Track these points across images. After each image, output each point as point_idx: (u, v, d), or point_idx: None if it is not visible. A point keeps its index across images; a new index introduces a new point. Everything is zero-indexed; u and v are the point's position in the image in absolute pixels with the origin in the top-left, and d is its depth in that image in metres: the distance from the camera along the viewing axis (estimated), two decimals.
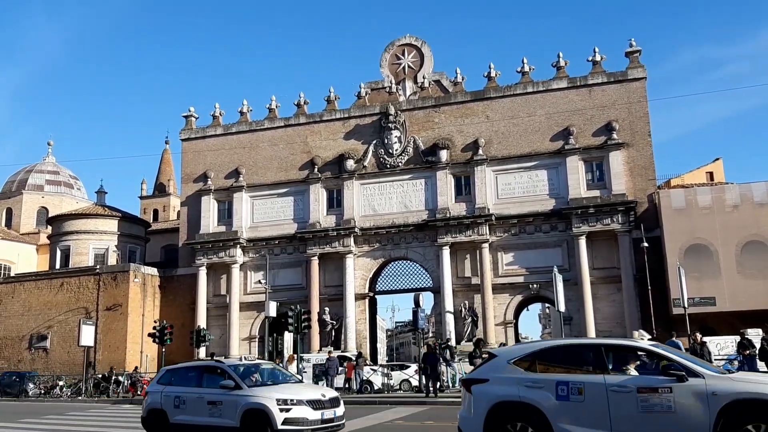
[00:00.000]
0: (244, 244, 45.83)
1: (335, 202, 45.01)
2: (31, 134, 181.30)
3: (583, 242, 39.25)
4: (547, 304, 68.47)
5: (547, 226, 40.89)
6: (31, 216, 69.65)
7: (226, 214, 47.26)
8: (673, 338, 24.78)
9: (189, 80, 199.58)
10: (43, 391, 39.01)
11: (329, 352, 38.44)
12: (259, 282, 42.29)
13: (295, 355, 31.82)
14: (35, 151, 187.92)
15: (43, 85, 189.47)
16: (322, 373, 33.49)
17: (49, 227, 59.59)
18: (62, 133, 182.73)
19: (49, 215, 63.00)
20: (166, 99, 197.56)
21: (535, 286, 40.20)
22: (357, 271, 43.61)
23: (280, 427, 13.09)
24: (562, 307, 25.06)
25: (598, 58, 42.02)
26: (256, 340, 44.38)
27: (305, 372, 33.59)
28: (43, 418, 22.53)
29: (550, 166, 41.53)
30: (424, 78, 45.21)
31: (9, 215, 70.29)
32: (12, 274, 58.29)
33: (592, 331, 37.85)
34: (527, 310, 47.89)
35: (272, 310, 32.37)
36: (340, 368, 33.40)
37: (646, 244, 35.90)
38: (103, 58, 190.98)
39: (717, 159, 46.35)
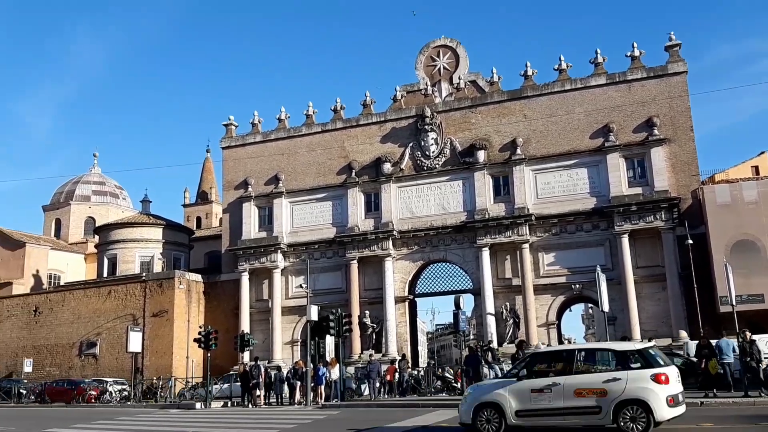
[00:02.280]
0: (285, 249, 46.30)
1: (373, 206, 45.16)
2: (78, 147, 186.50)
3: (625, 241, 38.60)
4: (590, 305, 67.71)
5: (589, 225, 40.33)
6: (79, 226, 71.62)
7: (266, 220, 47.82)
8: (724, 338, 24.17)
9: (228, 89, 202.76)
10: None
11: (370, 356, 38.61)
12: (300, 286, 42.65)
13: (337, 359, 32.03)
14: (82, 163, 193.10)
15: (89, 100, 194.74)
16: (364, 376, 33.61)
17: (97, 236, 61.09)
18: (107, 144, 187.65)
19: (96, 225, 64.61)
20: (206, 109, 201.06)
21: (577, 286, 39.67)
22: (396, 274, 43.67)
23: None
24: (606, 307, 24.69)
25: (636, 53, 41.31)
26: (299, 343, 44.76)
27: (348, 376, 33.82)
28: (94, 423, 23.13)
29: (590, 164, 40.97)
30: (459, 79, 45.07)
31: (58, 226, 72.40)
32: (62, 283, 60.09)
33: (637, 330, 37.20)
34: (570, 310, 47.26)
35: (314, 314, 32.61)
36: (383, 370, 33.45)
37: (690, 242, 35.14)
38: (145, 73, 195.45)
39: (762, 152, 44.93)
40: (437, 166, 43.92)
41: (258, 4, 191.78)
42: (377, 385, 31.99)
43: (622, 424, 12.79)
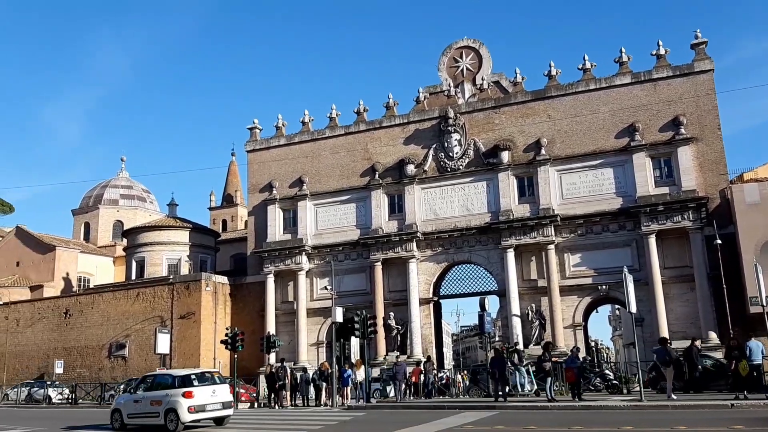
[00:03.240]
0: (309, 251, 46.56)
1: (397, 208, 45.21)
2: (105, 151, 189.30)
3: (653, 241, 38.19)
4: (617, 306, 66.91)
5: (615, 226, 39.98)
6: (108, 229, 72.74)
7: (291, 222, 48.12)
8: (752, 339, 23.79)
9: (253, 93, 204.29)
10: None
11: (396, 357, 38.64)
12: (325, 288, 42.85)
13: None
14: (109, 167, 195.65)
15: (115, 105, 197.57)
16: (389, 378, 33.63)
17: (125, 239, 61.96)
18: (134, 149, 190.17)
19: (124, 228, 65.57)
20: (231, 112, 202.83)
21: (604, 287, 39.34)
22: (420, 275, 43.67)
23: None
24: (633, 308, 24.48)
25: (662, 51, 40.89)
26: (324, 345, 44.96)
27: (375, 377, 33.85)
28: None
29: (615, 164, 40.62)
30: (482, 80, 44.95)
31: (87, 229, 73.62)
32: (91, 286, 61.04)
33: (665, 331, 36.69)
34: (596, 312, 46.80)
35: (339, 315, 32.73)
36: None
37: (719, 242, 34.61)
38: (170, 77, 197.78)
39: None
40: (461, 167, 43.85)
41: (281, 8, 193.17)
42: (403, 386, 32.00)
43: (166, 423, 19.43)
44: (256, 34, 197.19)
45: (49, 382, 45.34)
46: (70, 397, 42.50)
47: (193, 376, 20.55)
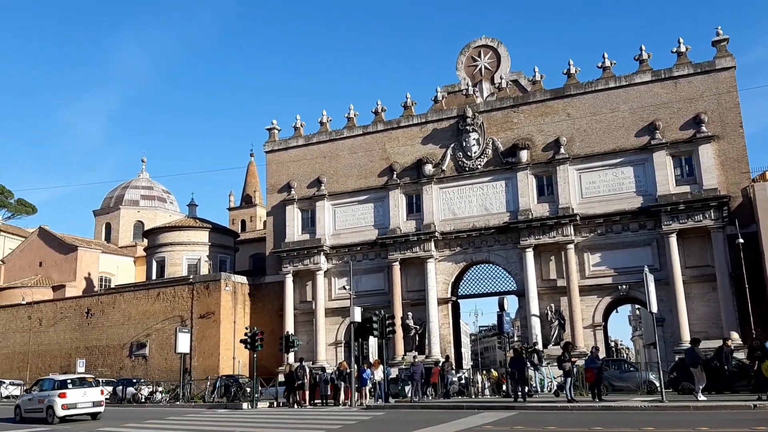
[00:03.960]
0: (328, 251, 46.68)
1: (415, 207, 45.18)
2: (126, 152, 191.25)
3: (673, 240, 37.81)
4: (637, 306, 66.35)
5: (635, 225, 39.64)
6: (128, 230, 73.50)
7: (309, 223, 48.28)
8: None
9: (271, 94, 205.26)
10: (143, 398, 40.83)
11: (414, 357, 38.56)
12: (344, 288, 42.94)
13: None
14: (130, 168, 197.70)
15: (136, 107, 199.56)
16: (407, 378, 33.55)
17: (145, 240, 62.56)
18: (155, 150, 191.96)
19: (145, 228, 66.22)
20: (250, 113, 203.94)
21: (624, 287, 39.03)
22: (438, 275, 43.60)
23: None
24: (654, 308, 24.27)
25: (683, 48, 40.47)
26: (342, 345, 45.05)
27: (392, 376, 33.84)
28: (145, 423, 23.69)
29: (636, 162, 40.28)
30: (501, 78, 44.78)
31: (108, 230, 74.45)
32: (112, 286, 61.69)
33: (686, 332, 36.37)
34: (616, 312, 46.42)
35: (357, 315, 32.77)
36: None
37: (741, 241, 34.22)
38: (190, 79, 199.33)
39: None
40: (479, 166, 43.72)
41: (299, 9, 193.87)
42: (420, 386, 31.93)
43: (47, 417, 24.14)
44: (274, 35, 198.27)
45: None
46: None
47: (69, 381, 25.43)
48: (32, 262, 65.40)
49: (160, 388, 40.61)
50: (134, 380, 42.86)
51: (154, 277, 56.76)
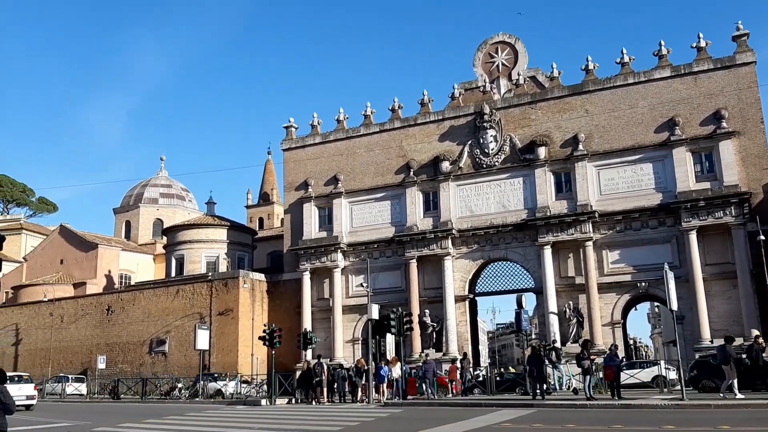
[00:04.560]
0: (345, 249, 46.78)
1: (432, 205, 45.14)
2: (145, 151, 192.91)
3: (693, 237, 37.47)
4: (656, 303, 65.77)
5: (655, 222, 39.33)
6: (148, 227, 74.16)
7: (326, 220, 48.41)
8: None
9: (288, 92, 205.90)
10: (163, 394, 41.28)
11: (426, 355, 38.46)
12: (361, 285, 43.05)
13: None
14: (149, 167, 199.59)
15: (155, 106, 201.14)
16: (422, 375, 33.45)
17: (164, 237, 63.08)
18: (174, 148, 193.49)
19: (164, 226, 66.75)
20: (267, 111, 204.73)
21: (643, 284, 38.73)
22: (456, 273, 43.53)
23: None
24: (674, 306, 24.07)
25: (702, 44, 40.05)
26: (359, 342, 45.15)
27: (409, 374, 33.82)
28: (165, 419, 23.88)
29: (655, 159, 39.94)
30: (518, 75, 44.58)
31: (128, 228, 75.17)
32: (132, 283, 62.31)
33: (706, 330, 36.06)
34: (635, 309, 46.17)
35: (375, 312, 32.79)
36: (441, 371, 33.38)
37: (763, 237, 33.80)
38: (208, 78, 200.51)
39: None
40: (497, 163, 43.57)
41: (315, 8, 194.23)
42: (433, 384, 31.92)
43: None
44: (291, 33, 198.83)
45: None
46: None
47: (7, 378, 26.04)
48: (54, 260, 66.22)
49: (179, 385, 40.97)
50: (216, 374, 41.64)
51: (173, 274, 57.21)
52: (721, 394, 22.18)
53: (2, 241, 12.39)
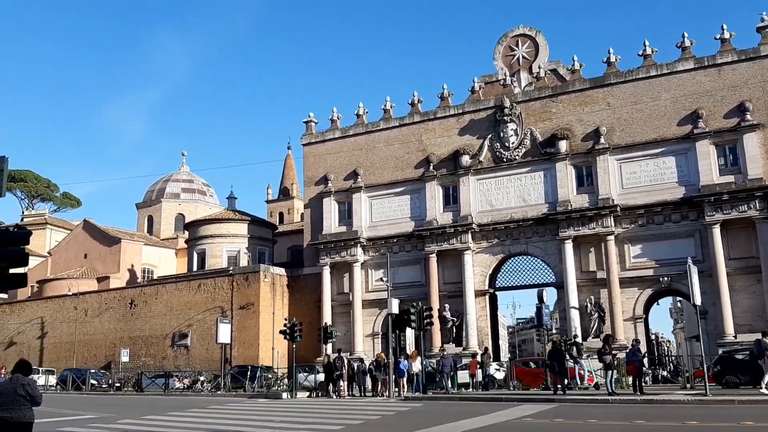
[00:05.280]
0: (364, 243, 46.85)
1: (451, 199, 45.03)
2: (167, 147, 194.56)
3: (717, 231, 37.01)
4: (678, 298, 65.07)
5: (678, 216, 38.90)
6: (170, 222, 74.85)
7: (346, 215, 48.50)
8: None
9: (308, 87, 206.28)
10: (185, 386, 41.70)
11: (442, 350, 38.41)
12: (381, 280, 43.05)
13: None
14: (171, 162, 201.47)
15: (176, 102, 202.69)
16: (437, 371, 33.43)
17: (186, 232, 63.63)
18: (194, 144, 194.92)
19: (186, 221, 67.30)
20: (287, 107, 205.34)
21: (665, 279, 38.36)
22: (476, 267, 43.41)
23: None
24: (698, 301, 23.85)
25: (726, 35, 39.45)
26: (379, 336, 45.24)
27: (429, 369, 33.86)
28: (187, 411, 24.17)
29: (678, 152, 39.49)
30: (539, 68, 44.26)
31: (150, 222, 75.92)
32: (155, 277, 62.94)
33: (730, 325, 35.65)
34: (657, 304, 45.63)
35: (394, 307, 32.83)
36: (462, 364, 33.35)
37: None
38: (228, 74, 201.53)
39: None
40: (517, 157, 43.34)
41: (334, 3, 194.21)
42: (450, 378, 31.95)
43: None
44: (309, 29, 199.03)
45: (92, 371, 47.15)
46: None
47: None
48: (78, 254, 67.09)
49: (202, 378, 41.36)
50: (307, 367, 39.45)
51: (195, 268, 57.70)
52: (764, 389, 21.69)
53: (29, 236, 12.55)
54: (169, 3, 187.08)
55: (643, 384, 25.93)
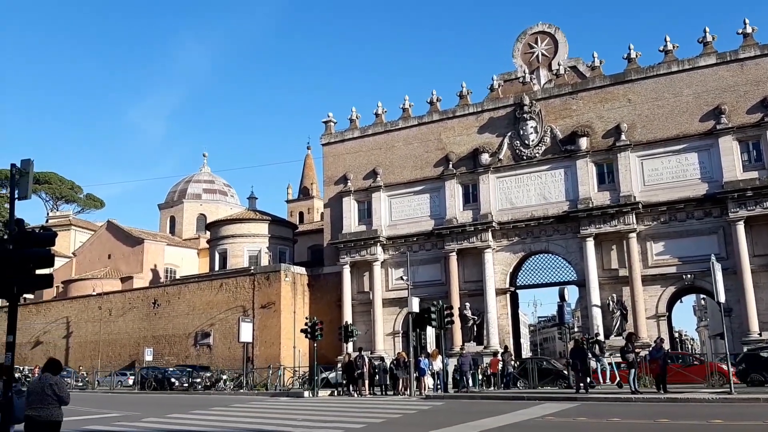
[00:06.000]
0: (384, 242, 46.90)
1: (471, 197, 44.92)
2: (188, 148, 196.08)
3: (741, 228, 36.54)
4: (702, 296, 64.41)
5: (701, 213, 38.48)
6: (192, 223, 75.51)
7: (365, 214, 48.58)
8: None
9: (327, 87, 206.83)
10: (208, 384, 42.04)
11: (461, 348, 38.30)
12: (401, 278, 43.10)
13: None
14: (192, 163, 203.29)
15: (197, 103, 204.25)
16: (456, 369, 33.38)
17: (208, 232, 64.13)
18: (215, 145, 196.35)
19: (207, 221, 67.84)
20: (306, 107, 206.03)
21: (688, 276, 37.95)
22: (496, 265, 43.28)
23: None
24: (722, 298, 23.62)
25: (749, 30, 38.92)
26: (400, 335, 45.30)
27: (449, 367, 33.86)
28: (211, 410, 24.43)
29: (700, 148, 39.04)
30: (559, 65, 43.99)
31: (172, 223, 76.65)
32: (177, 277, 63.52)
33: (755, 322, 35.21)
34: (681, 302, 45.22)
35: (415, 305, 32.88)
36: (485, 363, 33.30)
37: None
38: (248, 75, 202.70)
39: None
40: (537, 155, 43.13)
41: (351, 2, 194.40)
42: (470, 377, 31.91)
43: None
44: (328, 29, 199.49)
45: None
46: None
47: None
48: (101, 255, 67.93)
49: (224, 377, 41.71)
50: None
51: (216, 268, 58.15)
52: None
53: (54, 237, 12.80)
54: (189, 3, 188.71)
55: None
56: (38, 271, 12.24)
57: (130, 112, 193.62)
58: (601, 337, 36.37)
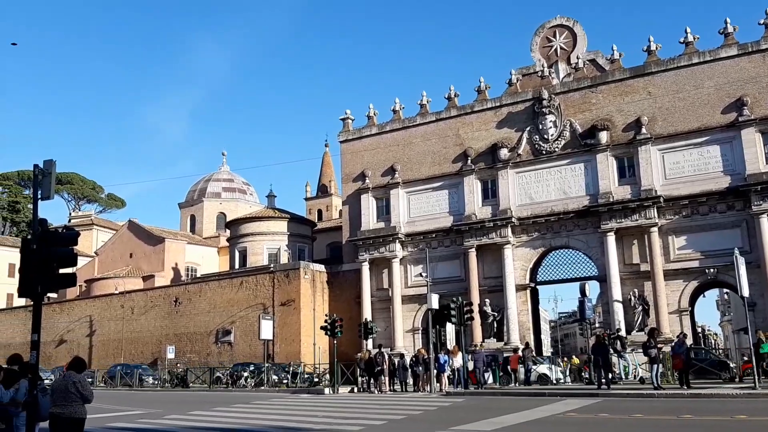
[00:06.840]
0: (403, 239, 46.85)
1: (490, 193, 44.71)
2: (207, 147, 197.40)
3: (765, 221, 36.00)
4: (725, 290, 63.58)
5: (723, 206, 37.95)
6: (212, 221, 76.06)
7: (384, 211, 48.56)
8: None
9: (344, 84, 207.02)
10: (230, 382, 42.33)
11: (474, 346, 38.11)
12: (420, 275, 43.04)
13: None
14: (211, 162, 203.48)
15: (216, 103, 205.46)
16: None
17: (228, 230, 64.57)
18: (234, 144, 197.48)
19: (227, 220, 68.31)
20: (324, 104, 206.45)
21: (711, 270, 37.45)
22: (516, 261, 43.05)
23: None
24: (745, 292, 23.30)
25: None
26: (420, 331, 45.25)
27: (470, 362, 33.77)
28: (232, 407, 24.58)
29: (722, 140, 38.49)
30: (577, 58, 43.59)
31: (192, 221, 77.27)
32: (198, 275, 64.04)
33: None
34: (703, 296, 44.66)
35: (434, 302, 32.81)
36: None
37: None
38: (266, 73, 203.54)
39: None
40: (557, 149, 42.81)
41: (369, 1, 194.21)
42: (487, 373, 31.78)
43: None
44: (345, 27, 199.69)
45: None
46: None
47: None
48: (123, 254, 68.66)
49: (245, 374, 41.95)
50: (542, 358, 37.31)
51: (236, 266, 58.51)
52: None
53: (77, 237, 12.94)
54: (208, 3, 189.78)
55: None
56: (61, 271, 12.38)
57: (150, 112, 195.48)
58: (623, 333, 36.07)
